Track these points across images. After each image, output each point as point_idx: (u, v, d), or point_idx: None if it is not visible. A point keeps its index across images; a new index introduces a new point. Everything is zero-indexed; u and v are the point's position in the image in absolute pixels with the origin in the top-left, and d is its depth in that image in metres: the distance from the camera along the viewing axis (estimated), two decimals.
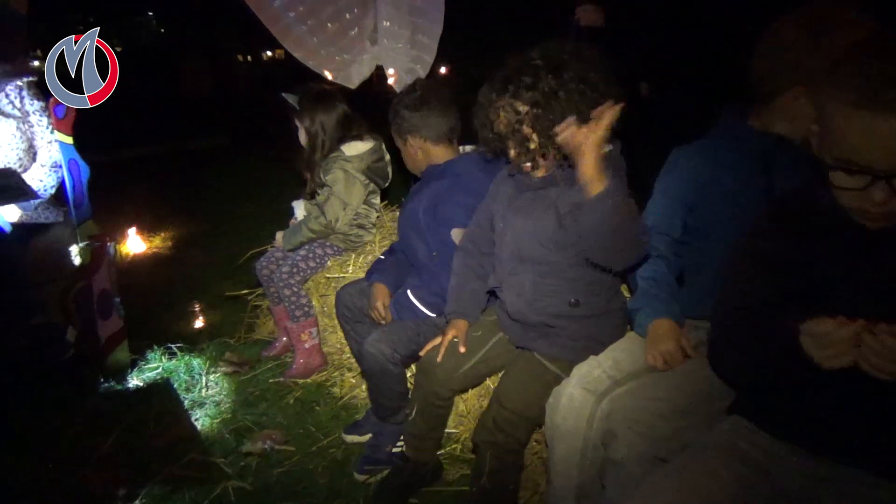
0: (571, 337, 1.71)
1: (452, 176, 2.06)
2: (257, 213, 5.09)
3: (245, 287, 3.19)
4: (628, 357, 1.63)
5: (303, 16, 3.07)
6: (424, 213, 2.07)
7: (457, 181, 2.04)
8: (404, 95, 2.16)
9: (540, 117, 1.57)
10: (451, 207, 2.02)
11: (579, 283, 1.68)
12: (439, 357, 1.81)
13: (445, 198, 2.04)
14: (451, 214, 2.01)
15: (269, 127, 5.14)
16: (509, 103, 1.61)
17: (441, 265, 2.02)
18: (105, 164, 4.25)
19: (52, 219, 2.73)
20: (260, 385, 2.65)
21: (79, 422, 2.39)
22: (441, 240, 2.04)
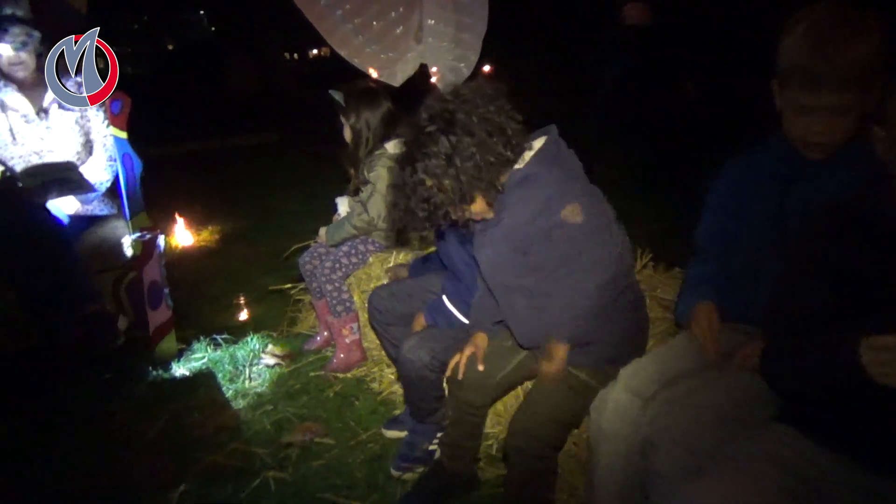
0: (588, 343, 1.68)
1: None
2: (301, 209, 5.18)
3: (288, 281, 3.25)
4: (675, 358, 1.61)
5: (349, 14, 3.10)
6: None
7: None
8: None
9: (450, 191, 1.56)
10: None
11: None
12: (460, 374, 1.80)
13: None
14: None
15: (315, 124, 5.22)
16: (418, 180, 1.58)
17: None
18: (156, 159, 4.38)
19: (106, 211, 2.83)
20: (301, 378, 2.69)
21: (128, 408, 2.48)
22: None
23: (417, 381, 1.99)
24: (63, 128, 2.74)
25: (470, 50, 3.14)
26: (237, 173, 7.09)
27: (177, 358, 2.85)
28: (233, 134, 9.28)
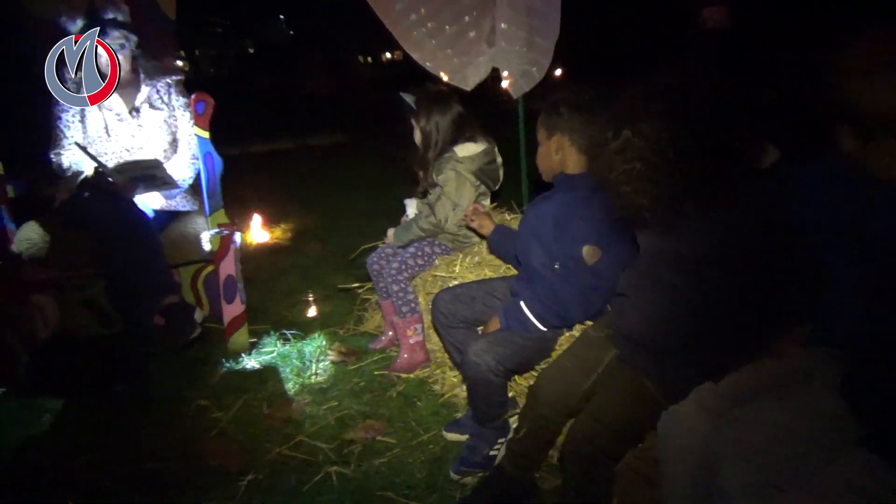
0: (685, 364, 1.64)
1: (587, 190, 1.96)
2: (371, 209, 5.27)
3: (356, 280, 3.32)
4: (749, 375, 1.54)
5: (423, 18, 3.13)
6: (553, 223, 2.01)
7: (591, 196, 1.94)
8: (572, 93, 2.08)
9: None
10: (582, 224, 1.94)
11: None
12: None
13: (577, 213, 1.96)
14: (582, 231, 1.94)
15: (386, 126, 5.31)
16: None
17: (562, 279, 1.98)
18: (235, 158, 4.57)
19: (188, 207, 2.96)
20: (365, 376, 2.74)
21: (203, 395, 2.59)
22: (567, 254, 1.97)
23: (482, 385, 1.99)
24: (152, 126, 2.88)
25: (542, 54, 3.12)
26: (310, 173, 7.29)
27: (248, 350, 2.95)
28: (307, 134, 9.55)
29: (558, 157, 2.06)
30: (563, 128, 2.02)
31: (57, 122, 2.77)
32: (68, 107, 2.76)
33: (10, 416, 2.52)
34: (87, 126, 2.79)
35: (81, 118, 2.78)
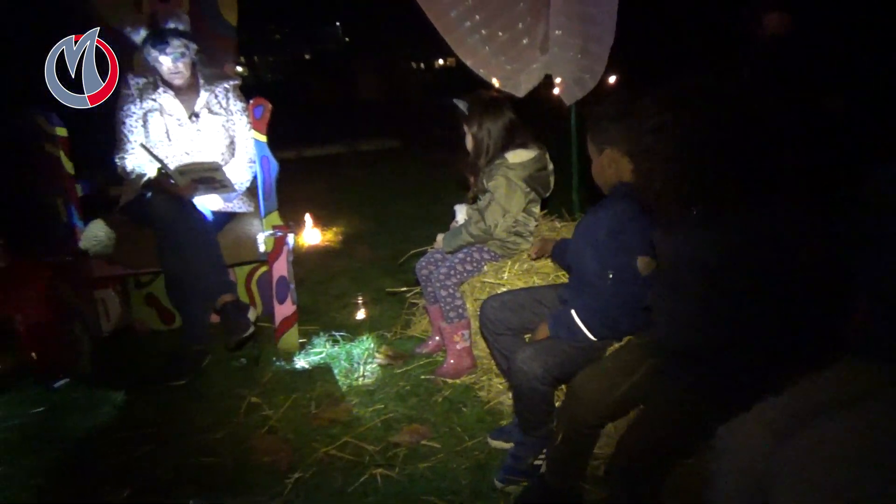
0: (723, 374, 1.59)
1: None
2: (420, 214, 5.31)
3: (404, 285, 3.34)
4: (812, 392, 1.49)
5: (477, 25, 3.15)
6: (609, 233, 1.97)
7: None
8: (611, 104, 2.09)
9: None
10: (638, 234, 1.90)
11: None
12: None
13: (632, 222, 1.93)
14: (638, 241, 1.90)
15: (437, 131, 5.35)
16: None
17: (615, 289, 1.94)
18: (290, 161, 4.67)
19: (244, 209, 3.04)
20: (411, 380, 2.75)
21: (255, 394, 2.65)
22: (621, 264, 1.93)
23: (528, 393, 1.98)
24: (211, 130, 2.98)
25: (596, 61, 3.09)
26: (362, 177, 7.39)
27: (298, 350, 3.01)
28: (359, 139, 9.69)
29: (612, 170, 2.04)
30: (610, 140, 2.02)
31: (122, 126, 2.89)
32: (132, 111, 2.88)
33: (73, 405, 2.63)
34: (150, 130, 2.90)
35: (144, 123, 2.89)
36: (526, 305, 2.30)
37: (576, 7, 3.01)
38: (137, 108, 2.89)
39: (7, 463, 2.27)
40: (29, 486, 2.15)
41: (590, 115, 2.09)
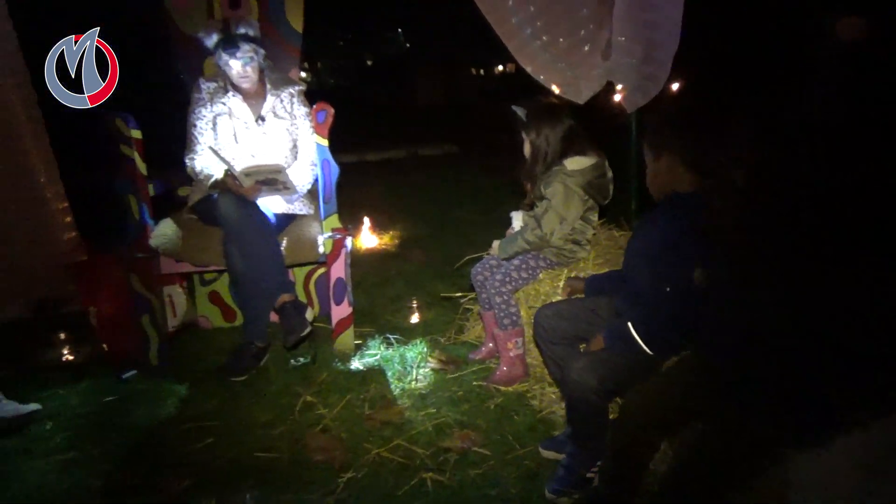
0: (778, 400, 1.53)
1: (700, 210, 1.89)
2: (476, 220, 5.32)
3: (459, 290, 3.36)
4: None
5: (539, 31, 3.13)
6: (664, 245, 1.94)
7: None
8: (672, 109, 2.05)
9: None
10: (694, 247, 1.86)
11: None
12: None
13: (689, 235, 1.88)
14: (694, 254, 1.86)
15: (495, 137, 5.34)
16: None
17: (671, 303, 1.90)
18: (351, 165, 4.76)
19: (305, 211, 3.11)
20: (464, 386, 2.76)
21: (311, 392, 2.71)
22: (677, 277, 1.89)
23: (582, 405, 1.95)
24: (276, 134, 3.06)
25: (660, 68, 3.03)
26: (420, 182, 7.46)
27: (353, 352, 3.06)
28: (418, 145, 9.78)
29: (668, 176, 2.00)
30: (669, 146, 1.98)
31: (192, 129, 3.01)
32: (203, 115, 2.99)
33: (141, 396, 2.76)
34: (218, 133, 3.00)
35: (213, 126, 3.00)
36: (581, 315, 2.28)
37: (640, 13, 2.96)
38: (208, 112, 3.00)
39: (79, 448, 2.39)
40: (98, 470, 2.26)
41: (650, 119, 2.06)
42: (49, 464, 2.31)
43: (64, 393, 2.78)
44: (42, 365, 3.08)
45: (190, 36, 3.18)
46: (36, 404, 2.63)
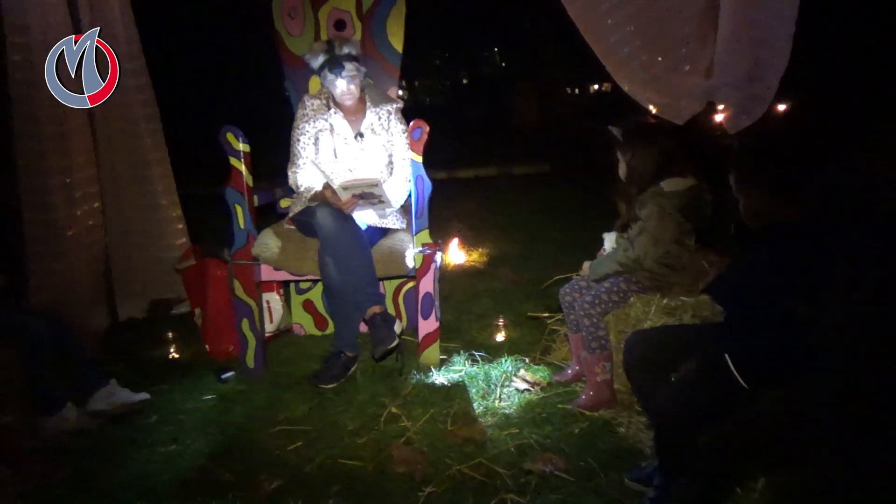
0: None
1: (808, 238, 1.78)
2: (566, 240, 5.25)
3: (547, 310, 3.32)
4: None
5: (637, 51, 3.08)
6: (771, 275, 1.85)
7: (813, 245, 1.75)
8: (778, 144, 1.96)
9: None
10: (801, 277, 1.77)
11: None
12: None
13: (796, 262, 1.80)
14: (801, 285, 1.77)
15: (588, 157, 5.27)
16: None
17: (776, 334, 1.82)
18: (443, 182, 4.83)
19: (397, 225, 3.19)
20: (548, 408, 2.72)
21: (396, 404, 2.75)
22: (783, 308, 1.81)
23: (671, 437, 1.88)
24: (373, 149, 3.17)
25: (767, 88, 2.90)
26: (511, 200, 7.46)
27: (438, 366, 3.09)
28: (511, 163, 9.80)
29: (768, 208, 1.91)
30: (764, 177, 1.89)
31: (296, 143, 3.16)
32: (306, 130, 3.14)
33: (237, 397, 2.90)
34: (320, 148, 3.14)
35: (315, 141, 3.14)
36: (673, 344, 2.19)
37: (747, 31, 2.85)
38: (311, 128, 3.14)
39: (180, 442, 2.54)
40: (196, 464, 2.39)
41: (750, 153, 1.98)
42: (152, 454, 2.47)
43: (168, 388, 2.97)
44: (151, 361, 3.31)
45: (298, 56, 3.37)
46: (145, 393, 2.83)
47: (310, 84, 3.48)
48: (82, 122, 3.52)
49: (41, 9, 3.20)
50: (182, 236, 4.02)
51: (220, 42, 13.80)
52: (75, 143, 3.45)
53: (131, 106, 3.75)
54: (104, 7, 3.56)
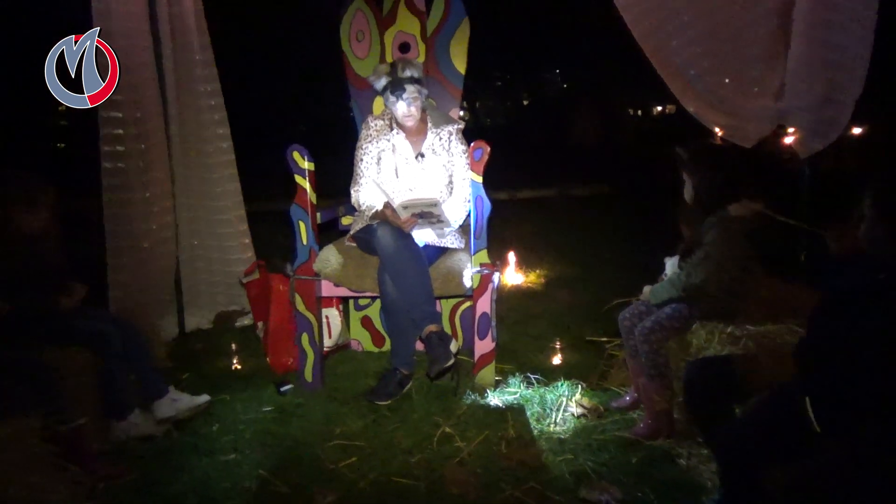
0: None
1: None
2: (626, 263, 5.15)
3: (605, 334, 3.26)
4: None
5: (704, 72, 3.03)
6: (860, 314, 1.72)
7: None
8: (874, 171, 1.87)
9: None
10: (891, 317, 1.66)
11: None
12: None
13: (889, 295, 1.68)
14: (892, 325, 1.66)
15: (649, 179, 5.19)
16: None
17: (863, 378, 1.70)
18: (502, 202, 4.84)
19: (456, 245, 3.21)
20: (605, 434, 2.66)
21: (450, 424, 2.75)
22: (875, 351, 1.68)
23: (735, 473, 1.81)
24: (433, 169, 3.21)
25: (841, 111, 2.80)
26: (570, 222, 7.40)
27: (493, 387, 3.07)
28: (570, 184, 9.73)
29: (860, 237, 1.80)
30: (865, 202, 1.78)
31: (359, 163, 3.23)
32: (369, 150, 3.21)
33: (294, 409, 2.95)
34: (381, 167, 3.20)
35: (377, 161, 3.21)
36: (738, 376, 2.12)
37: (821, 52, 2.76)
38: (374, 148, 3.21)
39: (240, 451, 2.61)
40: (254, 475, 2.45)
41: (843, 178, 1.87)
42: (213, 462, 2.54)
43: (230, 399, 3.06)
44: (215, 371, 3.41)
45: (363, 78, 3.46)
46: (206, 395, 2.94)
47: (374, 105, 3.57)
48: (161, 139, 3.70)
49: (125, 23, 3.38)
50: (248, 251, 4.16)
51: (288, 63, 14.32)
52: (154, 158, 3.63)
53: (206, 125, 3.92)
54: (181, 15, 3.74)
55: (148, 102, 3.57)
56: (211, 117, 3.92)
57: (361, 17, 3.55)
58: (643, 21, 2.97)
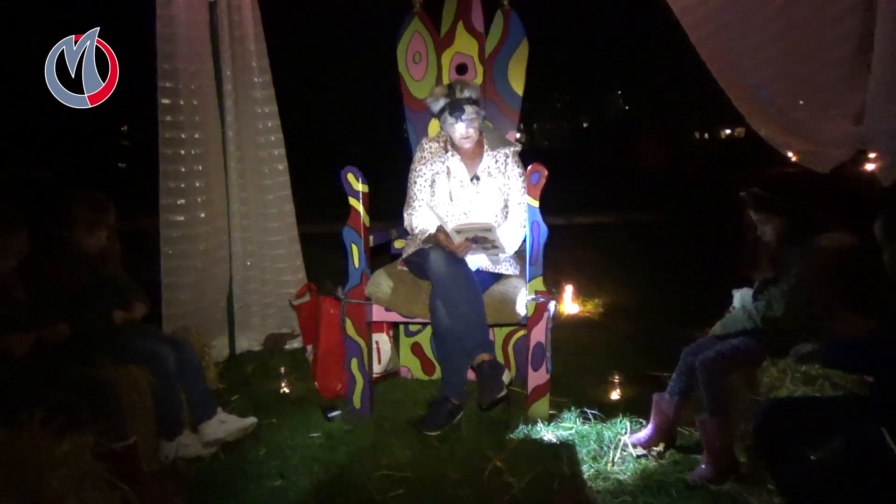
0: None
1: None
2: (688, 294, 4.93)
3: (666, 368, 3.09)
4: None
5: (776, 94, 2.88)
6: None
7: None
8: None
9: None
10: None
11: None
12: None
13: None
14: None
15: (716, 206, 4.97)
16: None
17: None
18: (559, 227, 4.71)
19: (511, 271, 3.12)
20: (667, 476, 2.50)
21: (501, 458, 2.63)
22: None
23: None
24: (489, 193, 3.13)
25: None
26: (630, 249, 7.19)
27: (547, 421, 2.95)
28: (632, 210, 9.51)
29: None
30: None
31: (413, 186, 3.20)
32: (423, 173, 3.16)
33: (342, 436, 2.90)
34: (436, 191, 3.15)
35: (431, 184, 3.16)
36: (813, 417, 1.95)
37: None
38: (427, 170, 3.17)
39: (286, 477, 2.57)
40: (300, 501, 2.39)
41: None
42: (259, 487, 2.50)
43: (278, 423, 3.03)
44: (263, 394, 3.40)
45: (419, 99, 3.43)
46: (253, 418, 2.92)
47: (429, 127, 3.54)
48: (218, 159, 3.77)
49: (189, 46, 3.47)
50: (300, 273, 4.17)
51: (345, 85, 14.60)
52: (211, 178, 3.70)
53: (263, 146, 3.97)
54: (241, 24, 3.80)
55: (207, 123, 3.65)
56: (268, 138, 3.98)
57: (419, 39, 3.54)
58: (711, 41, 2.86)
